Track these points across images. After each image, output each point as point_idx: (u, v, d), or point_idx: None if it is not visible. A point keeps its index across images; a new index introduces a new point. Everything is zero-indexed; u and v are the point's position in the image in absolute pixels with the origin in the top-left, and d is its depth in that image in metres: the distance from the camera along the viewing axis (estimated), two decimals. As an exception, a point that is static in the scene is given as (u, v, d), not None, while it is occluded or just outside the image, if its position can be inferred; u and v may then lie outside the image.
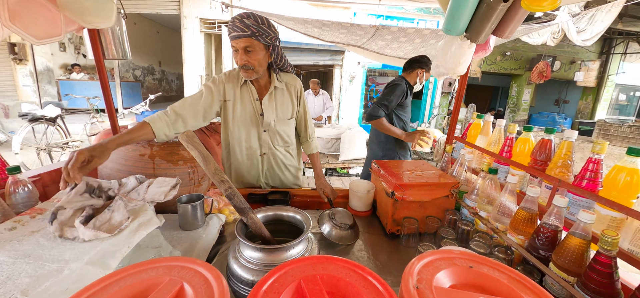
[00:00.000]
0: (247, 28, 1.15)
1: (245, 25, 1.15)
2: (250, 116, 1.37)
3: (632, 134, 4.13)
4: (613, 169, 0.74)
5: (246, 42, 1.17)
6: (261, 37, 1.18)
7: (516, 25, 1.13)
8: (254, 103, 1.36)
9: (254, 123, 1.39)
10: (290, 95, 1.42)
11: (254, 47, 1.19)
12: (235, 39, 1.17)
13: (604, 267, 0.64)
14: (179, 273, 0.41)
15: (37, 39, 0.89)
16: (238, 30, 1.15)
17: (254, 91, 1.35)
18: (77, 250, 0.68)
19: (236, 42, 1.18)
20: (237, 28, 1.15)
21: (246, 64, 1.21)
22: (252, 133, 1.41)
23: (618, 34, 8.11)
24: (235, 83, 1.35)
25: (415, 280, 0.40)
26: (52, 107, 4.00)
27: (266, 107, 1.36)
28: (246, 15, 1.17)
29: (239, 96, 1.35)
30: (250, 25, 1.15)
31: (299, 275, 0.41)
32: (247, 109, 1.36)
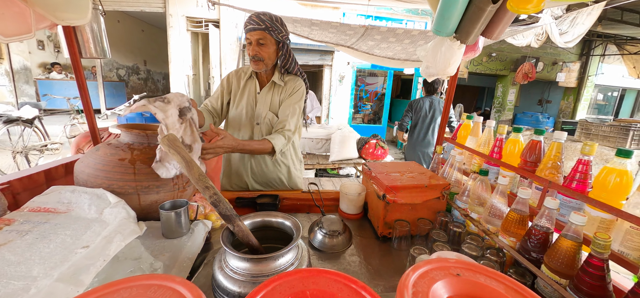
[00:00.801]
0: (261, 22, 1.27)
1: (260, 19, 1.28)
2: (247, 107, 1.45)
3: (611, 133, 4.29)
4: (603, 171, 0.75)
5: (259, 35, 1.29)
6: (273, 32, 1.30)
7: (504, 26, 1.14)
8: (255, 96, 1.45)
9: (249, 115, 1.45)
10: (284, 94, 1.45)
11: (266, 40, 1.30)
12: (250, 31, 1.29)
13: (596, 269, 0.63)
14: (156, 293, 0.37)
15: (5, 37, 0.82)
16: (254, 24, 1.27)
17: (257, 85, 1.45)
18: (46, 264, 0.63)
19: (250, 35, 1.29)
20: (253, 22, 1.28)
21: (257, 54, 1.31)
22: (247, 126, 1.46)
23: (597, 37, 8.43)
24: (242, 77, 1.48)
25: (410, 293, 0.38)
26: (30, 108, 3.81)
27: (261, 99, 1.43)
28: (262, 12, 1.31)
29: (242, 88, 1.46)
30: (265, 20, 1.28)
31: (288, 291, 0.38)
32: (245, 101, 1.45)
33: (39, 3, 0.82)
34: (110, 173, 0.98)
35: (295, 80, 1.46)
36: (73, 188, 0.95)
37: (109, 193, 0.94)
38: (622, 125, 4.31)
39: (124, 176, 0.98)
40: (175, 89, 6.77)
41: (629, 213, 0.67)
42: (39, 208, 0.88)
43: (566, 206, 0.85)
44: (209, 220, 1.10)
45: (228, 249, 0.66)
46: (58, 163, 1.21)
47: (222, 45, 6.44)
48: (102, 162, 1.00)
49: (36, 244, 0.71)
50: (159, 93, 12.72)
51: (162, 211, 0.92)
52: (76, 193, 0.93)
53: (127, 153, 1.03)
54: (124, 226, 0.77)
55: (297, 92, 1.44)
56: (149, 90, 11.84)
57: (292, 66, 1.44)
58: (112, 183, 0.97)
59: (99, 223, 0.81)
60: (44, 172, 1.14)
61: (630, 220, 0.66)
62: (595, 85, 9.96)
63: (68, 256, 0.66)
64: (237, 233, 0.74)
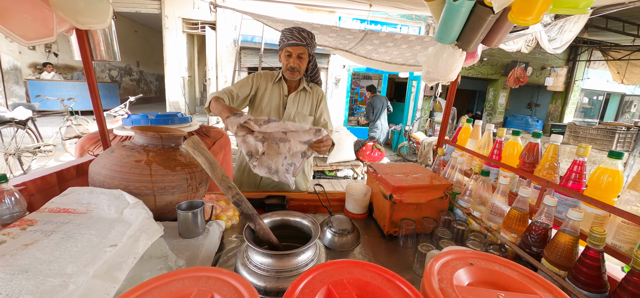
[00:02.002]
0: (303, 39, 1.46)
1: (302, 36, 1.46)
2: (275, 107, 1.61)
3: (598, 136, 4.47)
4: (596, 171, 0.81)
5: (301, 50, 1.48)
6: (310, 48, 1.51)
7: (503, 35, 1.20)
8: (283, 98, 1.62)
9: (277, 114, 1.62)
10: (312, 99, 1.67)
11: (304, 55, 1.50)
12: (293, 46, 1.46)
13: (592, 260, 0.69)
14: (207, 283, 0.41)
15: (26, 40, 0.84)
16: (297, 39, 1.45)
17: (285, 88, 1.61)
18: (78, 262, 0.65)
19: (293, 49, 1.47)
20: (296, 37, 1.45)
21: (296, 67, 1.50)
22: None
23: (583, 43, 8.73)
24: (270, 79, 1.63)
25: (436, 279, 0.43)
26: (23, 109, 3.74)
27: (291, 102, 1.61)
28: (301, 28, 1.48)
29: (270, 90, 1.61)
30: (306, 37, 1.47)
31: (327, 280, 0.42)
32: (273, 102, 1.61)
33: (62, 8, 0.84)
34: (127, 174, 1.00)
35: (318, 87, 1.71)
36: (91, 189, 0.97)
37: (126, 194, 0.96)
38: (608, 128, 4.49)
39: (141, 177, 1.00)
40: (170, 91, 6.73)
41: (621, 209, 0.73)
42: (58, 209, 0.90)
43: (563, 204, 0.91)
44: (221, 220, 1.13)
45: (253, 246, 0.69)
46: (70, 165, 1.22)
47: (219, 47, 6.43)
48: (118, 163, 1.02)
49: (63, 243, 0.74)
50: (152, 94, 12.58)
51: (179, 211, 0.95)
52: (94, 194, 0.95)
53: (143, 155, 1.05)
54: (147, 225, 0.80)
55: (324, 98, 1.70)
56: (141, 91, 11.70)
57: (316, 75, 1.69)
58: (129, 184, 0.99)
59: (121, 223, 0.83)
60: (56, 174, 1.15)
61: (622, 215, 0.73)
62: (582, 89, 10.30)
63: (98, 254, 0.68)
64: (258, 231, 0.78)
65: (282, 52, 1.54)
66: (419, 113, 8.42)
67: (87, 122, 4.57)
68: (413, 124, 8.05)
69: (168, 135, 1.12)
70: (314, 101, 1.68)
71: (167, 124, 1.86)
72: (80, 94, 7.18)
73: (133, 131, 1.12)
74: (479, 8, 1.11)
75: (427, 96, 8.39)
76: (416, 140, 6.28)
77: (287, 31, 1.48)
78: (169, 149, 1.12)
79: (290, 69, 1.51)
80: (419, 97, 8.39)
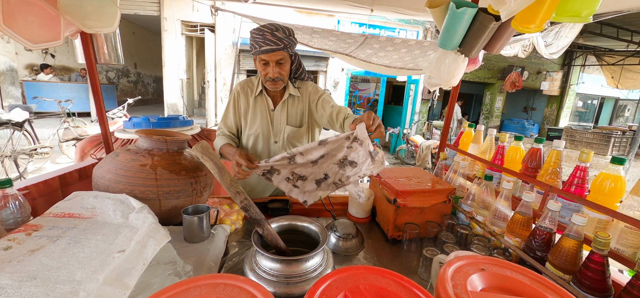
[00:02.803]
0: (280, 41, 1.16)
1: (277, 38, 1.15)
2: (262, 127, 1.36)
3: (594, 140, 4.53)
4: (599, 176, 0.82)
5: (280, 56, 1.20)
6: (290, 48, 1.22)
7: (505, 42, 1.22)
8: (269, 114, 1.36)
9: (265, 135, 1.37)
10: (303, 104, 1.39)
11: (285, 59, 1.23)
12: (268, 53, 1.17)
13: (597, 265, 0.70)
14: (224, 291, 0.41)
15: (33, 43, 0.84)
16: (271, 44, 1.15)
17: (269, 102, 1.35)
18: (87, 268, 0.65)
19: (268, 56, 1.18)
20: (270, 41, 1.15)
21: (278, 76, 1.23)
22: (263, 145, 1.39)
23: (578, 48, 8.86)
24: (250, 94, 1.36)
25: (451, 285, 0.43)
26: (20, 110, 3.70)
27: (276, 116, 1.35)
28: (274, 27, 1.17)
29: (252, 107, 1.36)
30: (283, 38, 1.17)
31: (343, 286, 0.42)
32: (258, 120, 1.35)
33: (70, 11, 0.84)
34: (133, 178, 1.00)
35: (308, 83, 1.41)
36: (95, 194, 0.96)
37: (132, 198, 0.96)
38: (604, 132, 4.56)
39: (146, 182, 1.00)
40: (168, 93, 6.70)
41: (623, 214, 0.75)
42: (63, 214, 0.89)
43: (566, 209, 0.92)
44: (226, 225, 1.13)
45: (261, 251, 0.70)
46: (72, 168, 1.21)
47: (218, 49, 6.43)
48: (123, 168, 1.01)
49: (70, 249, 0.73)
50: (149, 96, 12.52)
51: (185, 216, 0.95)
52: (99, 198, 0.95)
53: (148, 159, 1.05)
54: (154, 231, 0.79)
55: (319, 91, 1.39)
56: (139, 93, 11.65)
57: (302, 73, 1.38)
58: (134, 188, 0.99)
59: (128, 228, 0.83)
60: (59, 177, 1.15)
61: (625, 220, 0.74)
62: (577, 93, 10.44)
63: (106, 260, 0.68)
64: (266, 236, 0.78)
65: (256, 60, 1.25)
66: (417, 116, 8.47)
67: (84, 124, 4.53)
68: (411, 127, 8.09)
69: (173, 139, 1.12)
70: (306, 103, 1.40)
71: (169, 128, 1.86)
72: (77, 96, 7.14)
73: (137, 134, 1.12)
74: (481, 15, 1.13)
75: (425, 99, 8.45)
76: (414, 143, 6.31)
77: (257, 33, 1.17)
78: (173, 153, 1.12)
79: (273, 81, 1.24)
80: (417, 101, 8.45)
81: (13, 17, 0.81)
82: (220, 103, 6.76)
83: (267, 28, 1.16)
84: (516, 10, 0.71)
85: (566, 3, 0.68)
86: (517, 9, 0.71)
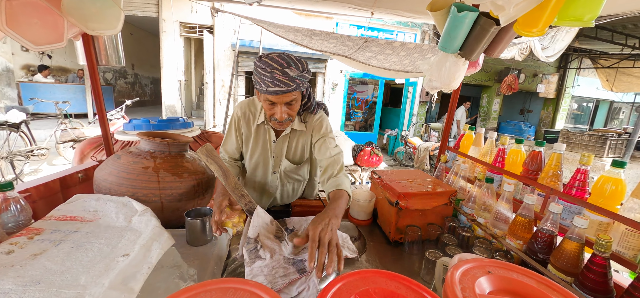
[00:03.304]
0: (291, 81, 0.99)
1: (289, 78, 0.98)
2: (263, 157, 1.28)
3: (591, 142, 4.58)
4: (600, 179, 0.83)
5: (290, 97, 1.04)
6: (303, 86, 1.06)
7: (505, 45, 1.24)
8: (270, 145, 1.26)
9: (265, 165, 1.30)
10: (306, 136, 1.29)
11: (296, 99, 1.07)
12: (278, 94, 1.00)
13: (599, 267, 0.71)
14: (235, 295, 0.41)
15: (36, 45, 0.84)
16: (281, 85, 0.98)
17: (271, 134, 1.25)
18: (91, 273, 0.65)
19: (278, 97, 1.02)
20: (280, 82, 0.98)
21: (287, 117, 1.08)
22: (263, 174, 1.34)
23: (573, 51, 8.97)
24: (251, 120, 1.24)
25: (459, 288, 0.44)
26: (17, 112, 3.67)
27: (277, 148, 1.26)
28: (286, 62, 0.99)
29: (254, 136, 1.26)
30: (295, 77, 1.00)
31: (354, 290, 0.42)
32: (260, 150, 1.27)
33: (74, 13, 0.84)
34: (135, 181, 0.99)
35: (314, 116, 1.28)
36: (97, 197, 0.96)
37: (134, 201, 0.95)
38: (600, 134, 4.62)
39: (149, 184, 1.00)
40: (167, 95, 6.68)
41: (624, 217, 0.76)
42: (65, 217, 0.89)
43: (567, 211, 0.93)
44: (227, 227, 1.13)
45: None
46: (72, 171, 1.20)
47: (216, 51, 6.43)
48: (125, 170, 1.01)
49: (73, 253, 0.73)
50: (147, 97, 12.46)
51: (188, 219, 0.95)
52: (101, 201, 0.94)
53: (150, 161, 1.04)
54: (158, 234, 0.79)
55: (323, 125, 1.27)
56: (136, 94, 11.60)
57: (312, 106, 1.24)
58: (137, 191, 0.99)
59: (131, 231, 0.82)
60: (59, 180, 1.14)
61: (626, 222, 0.75)
62: (572, 96, 10.55)
63: (110, 264, 0.68)
64: (271, 239, 0.78)
65: (260, 95, 1.09)
66: (414, 118, 8.51)
67: (81, 125, 4.50)
68: (409, 129, 8.12)
69: (174, 141, 1.12)
70: (309, 138, 1.29)
71: (169, 130, 1.86)
72: (74, 97, 7.09)
73: (139, 137, 1.11)
74: (482, 20, 1.14)
75: (423, 101, 8.49)
76: (412, 145, 6.34)
77: (265, 71, 0.98)
78: (175, 156, 1.11)
79: (280, 123, 1.10)
80: (415, 103, 8.49)
81: (16, 19, 0.80)
82: (218, 105, 6.75)
83: (276, 65, 0.98)
84: (515, 16, 0.72)
85: (568, 8, 0.69)
86: (516, 15, 0.72)
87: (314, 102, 1.22)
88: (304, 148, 1.29)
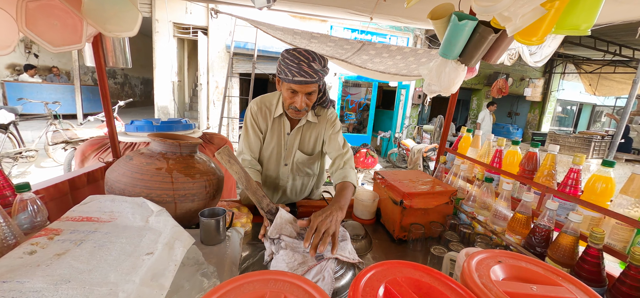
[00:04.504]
0: (315, 74, 1.09)
1: (314, 70, 1.08)
2: (277, 148, 1.33)
3: (576, 144, 4.79)
4: (591, 178, 0.90)
5: (312, 88, 1.13)
6: (322, 80, 1.17)
7: (502, 52, 1.31)
8: (284, 137, 1.31)
9: (278, 156, 1.34)
10: (319, 131, 1.35)
11: (315, 91, 1.16)
12: (302, 84, 1.10)
13: (593, 258, 0.77)
14: (275, 286, 0.44)
15: (54, 46, 0.85)
16: (306, 76, 1.08)
17: (286, 125, 1.30)
18: (119, 270, 0.66)
19: (300, 87, 1.11)
20: (306, 73, 1.08)
21: (304, 107, 1.17)
22: (275, 166, 1.37)
23: (558, 56, 9.31)
24: (268, 115, 1.29)
25: (476, 275, 0.48)
26: (5, 112, 3.57)
27: (291, 140, 1.31)
28: (311, 57, 1.09)
29: (270, 128, 1.30)
30: (319, 70, 1.10)
31: (383, 278, 0.46)
32: (275, 142, 1.31)
33: (92, 16, 0.86)
34: (149, 181, 1.01)
35: (327, 110, 1.36)
36: (112, 197, 0.97)
37: (149, 202, 0.97)
38: (585, 137, 4.83)
39: (162, 185, 1.02)
40: (159, 96, 6.59)
41: (614, 212, 0.82)
42: (81, 218, 0.89)
43: (561, 208, 1.00)
44: (239, 227, 1.15)
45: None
46: (81, 172, 1.20)
47: (211, 52, 6.39)
48: (139, 171, 1.02)
49: (97, 252, 0.74)
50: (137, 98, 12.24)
51: (202, 219, 0.97)
52: (116, 202, 0.95)
53: (163, 162, 1.06)
54: (178, 233, 0.81)
55: (335, 121, 1.35)
56: (126, 95, 11.38)
57: (326, 101, 1.33)
58: (151, 191, 1.00)
59: (150, 231, 0.84)
60: (69, 181, 1.14)
61: (616, 217, 0.82)
62: (557, 100, 10.93)
63: (136, 262, 0.70)
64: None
65: (282, 84, 1.18)
66: (407, 121, 8.66)
67: (71, 127, 4.41)
68: (402, 131, 8.25)
69: (186, 142, 1.13)
70: (322, 130, 1.36)
71: (172, 131, 1.86)
72: (62, 97, 6.91)
73: (150, 138, 1.12)
74: (481, 28, 1.21)
75: (415, 104, 8.65)
76: (406, 147, 6.45)
77: (292, 61, 1.08)
78: (187, 157, 1.13)
79: (298, 111, 1.18)
80: (408, 105, 8.63)
81: (35, 20, 0.82)
82: (212, 106, 6.70)
83: (303, 58, 1.08)
84: (521, 26, 0.78)
85: (566, 18, 0.75)
86: (522, 25, 0.78)
87: (328, 98, 1.31)
88: (317, 140, 1.36)
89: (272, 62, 6.52)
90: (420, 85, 8.41)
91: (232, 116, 6.71)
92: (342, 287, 0.77)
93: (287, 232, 0.82)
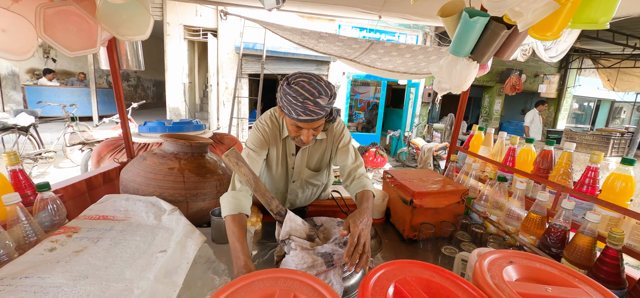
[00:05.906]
0: (322, 110, 0.99)
1: (320, 107, 0.98)
2: (283, 167, 1.29)
3: (594, 141, 4.61)
4: (610, 177, 0.87)
5: (319, 123, 1.04)
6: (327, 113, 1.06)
7: (515, 48, 1.27)
8: (289, 158, 1.28)
9: (285, 174, 1.32)
10: (327, 143, 1.29)
11: (322, 122, 1.07)
12: (308, 123, 1.00)
13: (612, 259, 0.75)
14: (285, 284, 0.44)
15: (71, 51, 0.88)
16: (312, 115, 0.98)
17: (292, 147, 1.25)
18: (134, 267, 0.68)
19: (307, 124, 1.02)
20: (311, 112, 0.97)
21: (310, 141, 1.09)
22: (284, 185, 1.36)
23: (574, 51, 9.00)
24: (278, 136, 1.24)
25: (488, 275, 0.47)
26: (26, 115, 3.71)
27: (298, 160, 1.27)
28: (317, 91, 0.96)
29: (277, 147, 1.25)
30: (325, 106, 0.99)
31: (392, 278, 0.46)
32: (281, 162, 1.27)
33: (106, 20, 0.88)
34: (162, 181, 1.03)
35: (334, 124, 1.28)
36: (126, 196, 1.00)
37: (162, 201, 0.99)
38: (603, 134, 4.65)
39: (175, 185, 1.04)
40: (171, 97, 6.73)
41: (635, 212, 0.79)
42: (97, 216, 0.93)
43: (578, 208, 0.97)
44: (250, 226, 1.17)
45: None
46: (97, 172, 1.24)
47: (220, 54, 6.48)
48: (152, 171, 1.05)
49: (113, 249, 0.77)
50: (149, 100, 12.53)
51: (214, 218, 0.99)
52: (130, 201, 0.98)
53: (175, 162, 1.08)
54: (190, 231, 0.83)
55: (343, 132, 1.28)
56: (139, 97, 11.66)
57: (335, 119, 1.25)
58: (164, 191, 1.03)
59: (163, 229, 0.86)
60: (86, 181, 1.18)
61: (636, 217, 0.79)
62: (574, 96, 10.57)
63: (150, 260, 0.71)
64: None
65: (286, 117, 1.08)
66: (417, 119, 8.55)
67: (88, 128, 4.55)
68: (412, 130, 8.16)
69: (197, 143, 1.16)
70: (330, 144, 1.29)
71: (184, 132, 1.90)
72: (78, 100, 7.14)
73: (163, 139, 1.15)
74: (493, 24, 1.18)
75: (425, 102, 8.53)
76: (416, 146, 6.37)
77: (296, 101, 0.95)
78: (198, 157, 1.16)
79: (301, 141, 1.10)
80: (417, 104, 8.53)
81: (52, 26, 0.85)
82: (222, 107, 6.79)
83: (309, 94, 0.95)
84: (533, 21, 0.76)
85: (583, 11, 0.72)
86: (534, 20, 0.76)
87: (335, 114, 1.23)
88: (325, 153, 1.31)
89: (280, 62, 6.55)
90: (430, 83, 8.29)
91: (241, 116, 6.78)
92: (351, 286, 0.77)
93: (297, 234, 0.83)
